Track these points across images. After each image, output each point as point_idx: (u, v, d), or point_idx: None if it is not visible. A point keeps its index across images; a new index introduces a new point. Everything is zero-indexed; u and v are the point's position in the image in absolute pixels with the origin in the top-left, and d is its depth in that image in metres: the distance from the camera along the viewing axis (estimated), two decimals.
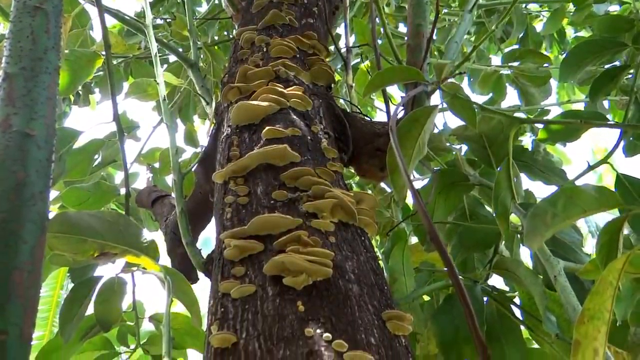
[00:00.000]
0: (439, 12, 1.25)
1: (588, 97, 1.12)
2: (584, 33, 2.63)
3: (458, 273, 1.17)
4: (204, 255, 1.00)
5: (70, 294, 1.05)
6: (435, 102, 1.12)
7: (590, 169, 1.02)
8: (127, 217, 0.94)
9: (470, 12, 1.38)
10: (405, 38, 1.34)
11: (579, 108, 2.45)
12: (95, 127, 1.23)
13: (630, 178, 0.98)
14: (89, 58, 1.21)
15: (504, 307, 1.07)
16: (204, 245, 1.13)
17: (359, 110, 1.30)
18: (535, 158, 1.13)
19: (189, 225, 1.03)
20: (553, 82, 2.13)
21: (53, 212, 1.41)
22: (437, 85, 0.74)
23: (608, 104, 1.94)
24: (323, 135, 1.04)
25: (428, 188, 1.16)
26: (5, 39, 0.63)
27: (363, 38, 1.67)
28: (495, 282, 1.25)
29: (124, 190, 1.29)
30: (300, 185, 0.86)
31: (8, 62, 0.62)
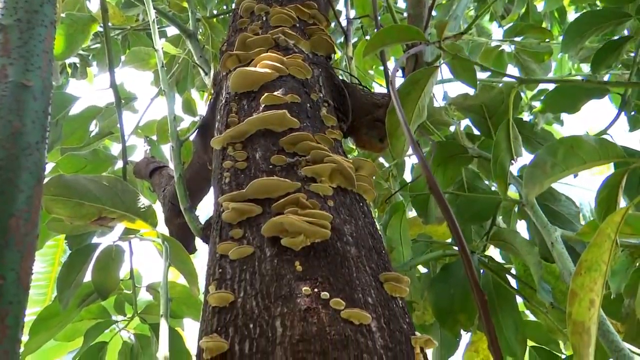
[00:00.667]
0: None
1: (590, 68, 1.11)
2: None
3: (455, 244, 1.17)
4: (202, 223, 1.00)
5: (68, 260, 1.06)
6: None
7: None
8: (124, 181, 0.94)
9: None
10: (405, 14, 1.33)
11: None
12: (93, 94, 1.22)
13: (630, 150, 0.98)
14: (85, 22, 1.19)
15: (500, 277, 1.07)
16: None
17: (359, 82, 1.28)
18: (535, 130, 1.12)
19: (187, 192, 1.03)
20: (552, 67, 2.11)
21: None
22: (437, 45, 0.73)
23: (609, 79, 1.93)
24: (322, 104, 1.03)
25: (426, 160, 1.15)
26: None
27: (363, 11, 1.65)
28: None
29: (122, 163, 1.28)
30: (299, 151, 0.86)
31: (3, 13, 0.60)
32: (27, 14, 0.61)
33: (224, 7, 2.35)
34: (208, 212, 1.72)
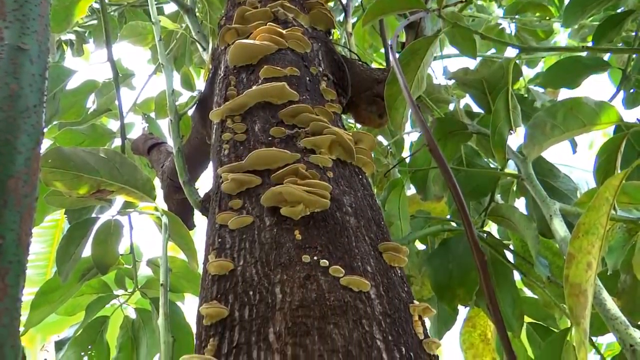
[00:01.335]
0: None
1: (592, 42, 1.10)
2: None
3: (453, 220, 1.18)
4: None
5: (67, 234, 1.06)
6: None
7: None
8: (122, 154, 0.93)
9: None
10: None
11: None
12: (90, 68, 1.21)
13: (629, 124, 0.97)
14: None
15: (498, 252, 1.08)
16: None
17: (358, 58, 1.27)
18: (535, 106, 1.12)
19: (186, 166, 1.02)
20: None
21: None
22: (437, 13, 0.72)
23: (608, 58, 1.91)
24: (322, 78, 1.02)
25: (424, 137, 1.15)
26: None
27: None
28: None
29: (119, 141, 1.27)
30: (299, 123, 0.86)
31: None
32: None
33: None
34: (206, 189, 1.71)
